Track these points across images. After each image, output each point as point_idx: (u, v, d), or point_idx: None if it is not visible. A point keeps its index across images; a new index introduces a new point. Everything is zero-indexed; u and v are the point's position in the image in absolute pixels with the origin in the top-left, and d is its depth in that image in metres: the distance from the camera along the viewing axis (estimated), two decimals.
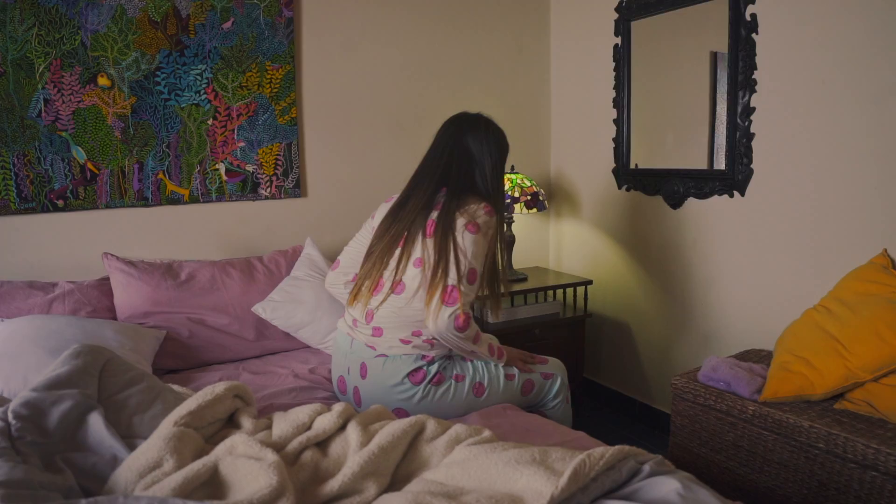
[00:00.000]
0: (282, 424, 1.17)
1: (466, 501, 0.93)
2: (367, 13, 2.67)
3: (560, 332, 2.73)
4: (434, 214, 1.71)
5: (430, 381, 1.68)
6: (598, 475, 1.00)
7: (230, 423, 1.24)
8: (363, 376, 1.72)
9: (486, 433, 1.18)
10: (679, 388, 1.99)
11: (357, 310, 1.77)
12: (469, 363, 1.78)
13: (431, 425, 1.20)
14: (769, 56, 2.20)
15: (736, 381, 1.87)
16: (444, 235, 1.65)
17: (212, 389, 1.20)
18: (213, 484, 1.00)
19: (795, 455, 1.69)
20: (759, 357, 2.13)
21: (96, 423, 1.09)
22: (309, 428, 1.18)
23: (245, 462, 1.00)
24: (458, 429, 1.19)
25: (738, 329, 2.40)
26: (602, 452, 1.03)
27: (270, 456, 1.01)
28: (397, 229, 1.74)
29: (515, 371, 1.82)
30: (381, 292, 1.72)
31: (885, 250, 1.93)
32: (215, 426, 1.20)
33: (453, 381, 1.72)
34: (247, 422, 1.20)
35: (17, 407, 1.05)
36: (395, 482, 1.10)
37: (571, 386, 2.73)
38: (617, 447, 1.06)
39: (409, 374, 1.67)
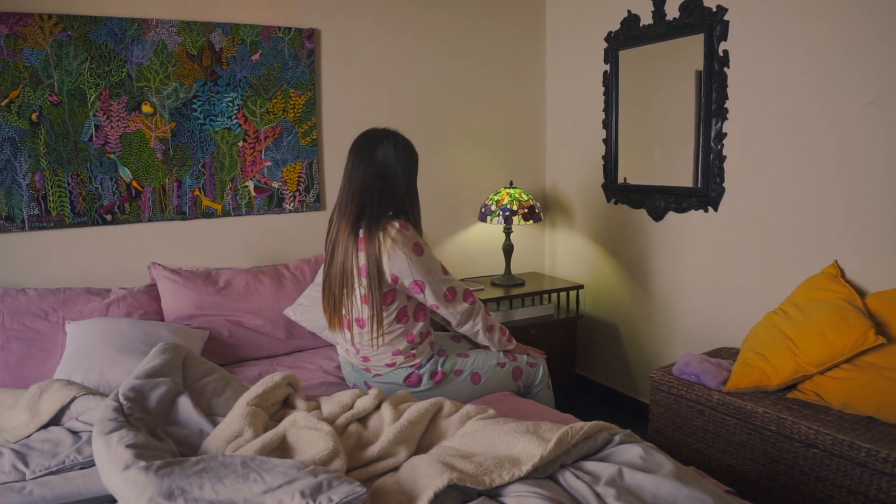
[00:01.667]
0: (329, 405, 1.46)
1: (477, 461, 1.21)
2: (380, 44, 2.95)
3: (554, 331, 3.01)
4: (361, 256, 1.84)
5: (430, 380, 1.95)
6: (578, 442, 1.29)
7: (286, 405, 1.53)
8: (369, 389, 1.98)
9: (491, 411, 1.47)
10: (656, 380, 2.28)
11: (344, 340, 1.99)
12: (463, 358, 2.04)
13: (448, 405, 1.49)
14: (739, 87, 2.48)
15: (704, 374, 2.16)
16: (389, 270, 1.83)
17: (272, 378, 1.49)
18: (282, 448, 1.29)
19: (752, 437, 1.98)
20: (730, 354, 2.42)
21: (185, 404, 1.38)
22: (351, 407, 1.47)
23: (307, 431, 1.29)
24: (468, 408, 1.48)
25: (711, 329, 2.68)
26: (581, 425, 1.31)
27: (326, 427, 1.30)
28: (336, 269, 1.89)
29: (505, 360, 2.10)
30: (350, 329, 1.92)
31: (836, 261, 2.21)
32: (275, 407, 1.48)
33: (453, 376, 2.00)
34: (300, 403, 1.49)
35: (125, 391, 1.34)
36: (420, 449, 1.39)
37: (565, 381, 3.04)
38: (593, 422, 1.35)
39: (405, 381, 1.95)
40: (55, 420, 1.61)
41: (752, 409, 1.97)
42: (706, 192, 2.62)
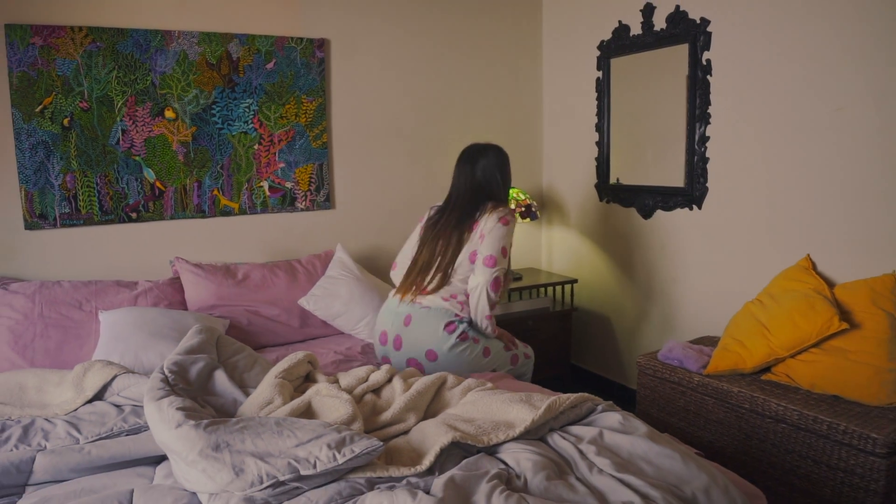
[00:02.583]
0: (347, 378, 1.65)
1: (477, 424, 1.40)
2: (386, 53, 3.14)
3: (550, 323, 3.19)
4: (477, 215, 2.26)
5: (458, 336, 2.17)
6: (566, 410, 1.47)
7: (307, 380, 1.72)
8: (406, 324, 2.22)
9: (489, 384, 1.66)
10: (643, 364, 2.47)
11: (409, 293, 2.28)
12: (481, 334, 2.29)
13: (451, 379, 1.68)
14: (721, 94, 2.66)
15: (686, 359, 2.35)
16: (479, 230, 2.23)
17: (295, 356, 1.68)
18: (308, 413, 1.48)
19: (728, 414, 2.17)
20: (712, 342, 2.60)
21: (221, 377, 1.57)
22: (366, 380, 1.66)
23: (329, 399, 1.48)
24: (469, 381, 1.68)
25: (696, 319, 2.86)
26: (568, 396, 1.50)
27: (345, 395, 1.49)
28: (444, 236, 2.26)
29: (511, 347, 2.36)
30: (434, 280, 2.24)
31: (809, 255, 2.40)
32: (298, 381, 1.67)
33: (472, 343, 2.22)
34: (321, 377, 1.68)
35: (170, 365, 1.53)
36: (427, 416, 1.58)
37: (560, 370, 3.23)
38: (579, 393, 1.54)
39: (446, 326, 2.18)
40: (98, 395, 1.80)
41: (728, 390, 2.16)
42: (691, 191, 2.81)
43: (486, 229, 2.22)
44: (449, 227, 2.28)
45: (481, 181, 2.33)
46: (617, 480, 1.26)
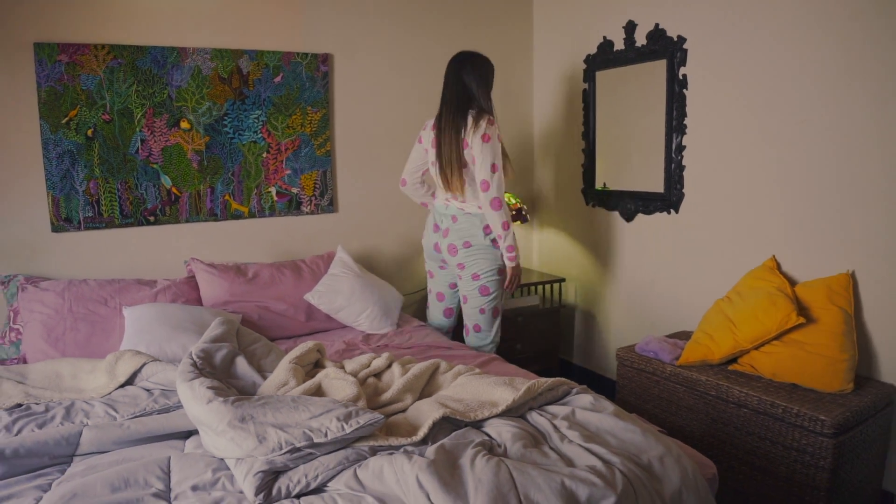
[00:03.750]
0: (351, 364, 1.87)
1: (465, 402, 1.61)
2: (385, 67, 3.35)
3: (539, 320, 3.40)
4: (464, 133, 2.53)
5: (492, 240, 2.60)
6: (543, 392, 1.69)
7: (316, 366, 1.93)
8: (454, 222, 2.66)
9: (477, 370, 1.88)
10: (622, 357, 2.68)
11: (447, 195, 2.67)
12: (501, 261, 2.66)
13: (443, 365, 1.90)
14: (696, 106, 2.87)
15: (661, 351, 2.56)
16: (471, 148, 2.51)
17: (306, 345, 1.90)
18: (318, 393, 1.69)
19: (697, 401, 2.38)
20: (687, 336, 2.80)
21: (242, 363, 1.79)
22: (368, 366, 1.88)
23: (336, 381, 1.70)
24: (459, 367, 1.89)
25: (673, 315, 3.07)
26: (546, 379, 1.72)
27: (351, 378, 1.70)
28: (451, 146, 2.55)
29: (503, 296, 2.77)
30: (457, 189, 2.59)
31: (774, 256, 2.61)
32: (309, 367, 1.89)
33: (497, 253, 2.63)
34: (329, 363, 1.90)
35: (197, 352, 1.75)
36: (422, 397, 1.79)
37: (549, 364, 3.43)
38: (556, 378, 1.75)
39: (483, 228, 2.60)
40: (129, 381, 2.01)
41: (696, 378, 2.37)
42: (669, 196, 3.02)
43: (476, 151, 2.49)
44: (447, 140, 2.56)
45: (466, 84, 2.58)
46: (584, 449, 1.47)
